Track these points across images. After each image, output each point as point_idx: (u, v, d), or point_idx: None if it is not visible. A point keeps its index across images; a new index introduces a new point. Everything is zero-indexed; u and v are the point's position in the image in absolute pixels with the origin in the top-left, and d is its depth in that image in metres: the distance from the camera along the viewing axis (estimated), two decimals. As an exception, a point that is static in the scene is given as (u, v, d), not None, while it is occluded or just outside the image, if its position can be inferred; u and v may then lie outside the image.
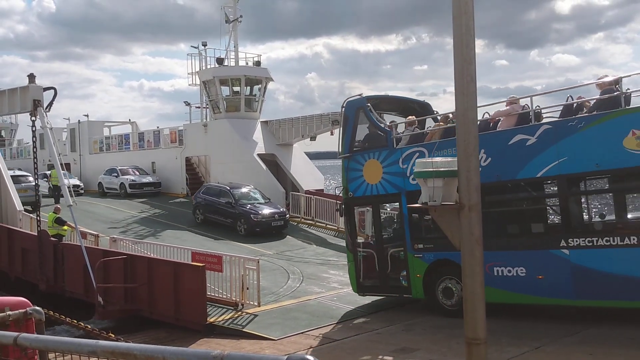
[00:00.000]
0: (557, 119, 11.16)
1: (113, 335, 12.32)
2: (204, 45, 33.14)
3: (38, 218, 17.22)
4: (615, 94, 10.32)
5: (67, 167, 37.37)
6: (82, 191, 35.14)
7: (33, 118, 16.79)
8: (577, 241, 10.65)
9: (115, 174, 35.22)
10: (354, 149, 13.76)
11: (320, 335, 11.78)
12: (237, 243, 21.95)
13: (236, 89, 32.05)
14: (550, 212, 11.63)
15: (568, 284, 10.70)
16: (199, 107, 35.95)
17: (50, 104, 17.13)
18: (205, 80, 32.42)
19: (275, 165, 30.83)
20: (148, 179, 34.79)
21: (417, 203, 6.94)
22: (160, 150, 36.13)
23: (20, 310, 4.73)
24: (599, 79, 10.93)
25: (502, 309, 11.80)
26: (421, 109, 15.17)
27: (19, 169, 38.99)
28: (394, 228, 14.22)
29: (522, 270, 11.22)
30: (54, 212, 18.40)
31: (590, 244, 10.49)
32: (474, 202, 6.17)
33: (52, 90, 17.30)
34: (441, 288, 12.50)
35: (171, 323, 13.61)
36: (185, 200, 32.51)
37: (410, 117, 13.92)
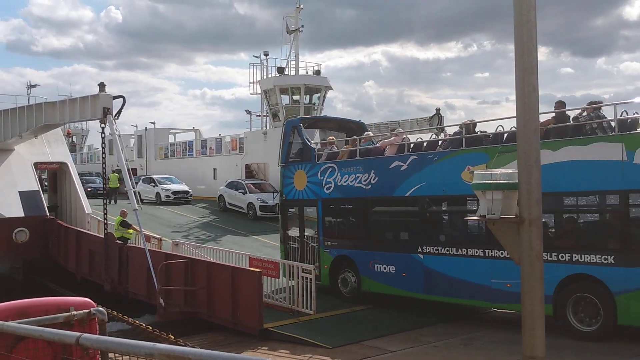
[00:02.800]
0: (421, 152, 13.72)
1: (172, 337, 12.70)
2: (266, 55, 33.80)
3: (105, 221, 17.91)
4: (459, 136, 13.01)
5: (134, 171, 38.61)
6: (191, 197, 34.32)
7: (103, 125, 17.52)
8: (428, 249, 13.34)
9: (242, 191, 29.71)
10: (289, 160, 16.59)
11: (376, 346, 11.69)
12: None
13: (296, 97, 32.42)
14: (413, 223, 14.02)
15: (421, 282, 13.44)
16: (259, 116, 36.64)
17: (119, 112, 17.84)
18: (265, 89, 32.97)
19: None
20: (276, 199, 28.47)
21: (475, 215, 6.77)
22: (222, 157, 36.91)
23: (85, 311, 4.90)
24: (464, 122, 13.28)
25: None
26: (357, 128, 17.94)
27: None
28: (313, 227, 16.43)
29: (392, 268, 14.06)
30: (120, 216, 19.08)
31: (437, 251, 13.18)
32: (534, 216, 5.95)
33: (121, 99, 18.01)
34: (340, 278, 15.29)
35: (228, 327, 13.83)
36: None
37: (330, 137, 16.73)
